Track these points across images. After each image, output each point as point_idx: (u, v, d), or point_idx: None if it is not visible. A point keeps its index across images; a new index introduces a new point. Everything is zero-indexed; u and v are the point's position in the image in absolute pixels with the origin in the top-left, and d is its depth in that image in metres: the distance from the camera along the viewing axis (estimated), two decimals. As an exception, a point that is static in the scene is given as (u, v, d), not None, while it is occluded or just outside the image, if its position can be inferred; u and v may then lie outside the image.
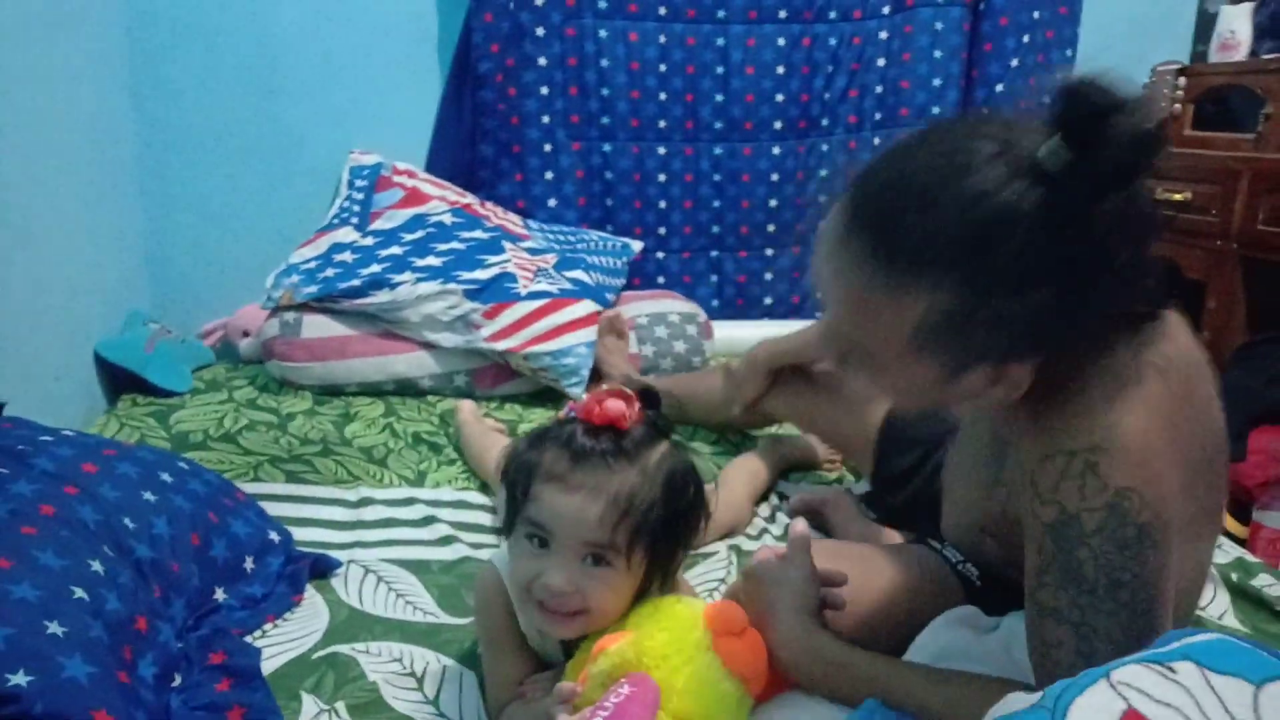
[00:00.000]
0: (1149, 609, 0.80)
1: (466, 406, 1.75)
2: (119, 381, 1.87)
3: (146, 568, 1.04)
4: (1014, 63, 2.26)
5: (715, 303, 2.39)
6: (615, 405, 0.90)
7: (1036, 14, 2.25)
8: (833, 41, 2.29)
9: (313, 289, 1.93)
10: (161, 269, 2.22)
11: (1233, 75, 2.15)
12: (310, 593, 1.22)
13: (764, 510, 1.52)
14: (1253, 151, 2.03)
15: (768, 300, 2.43)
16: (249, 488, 1.44)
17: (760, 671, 0.89)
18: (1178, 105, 2.19)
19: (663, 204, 2.34)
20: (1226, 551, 1.34)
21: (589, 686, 0.87)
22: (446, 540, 1.37)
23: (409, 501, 1.48)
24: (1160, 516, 0.80)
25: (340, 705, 1.02)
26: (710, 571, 1.30)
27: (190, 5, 2.11)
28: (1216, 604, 1.24)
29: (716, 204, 2.36)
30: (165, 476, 1.17)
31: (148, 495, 1.12)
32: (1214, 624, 1.18)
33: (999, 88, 2.28)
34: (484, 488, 1.55)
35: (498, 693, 1.00)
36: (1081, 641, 0.80)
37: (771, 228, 2.39)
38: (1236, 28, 2.18)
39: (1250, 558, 1.34)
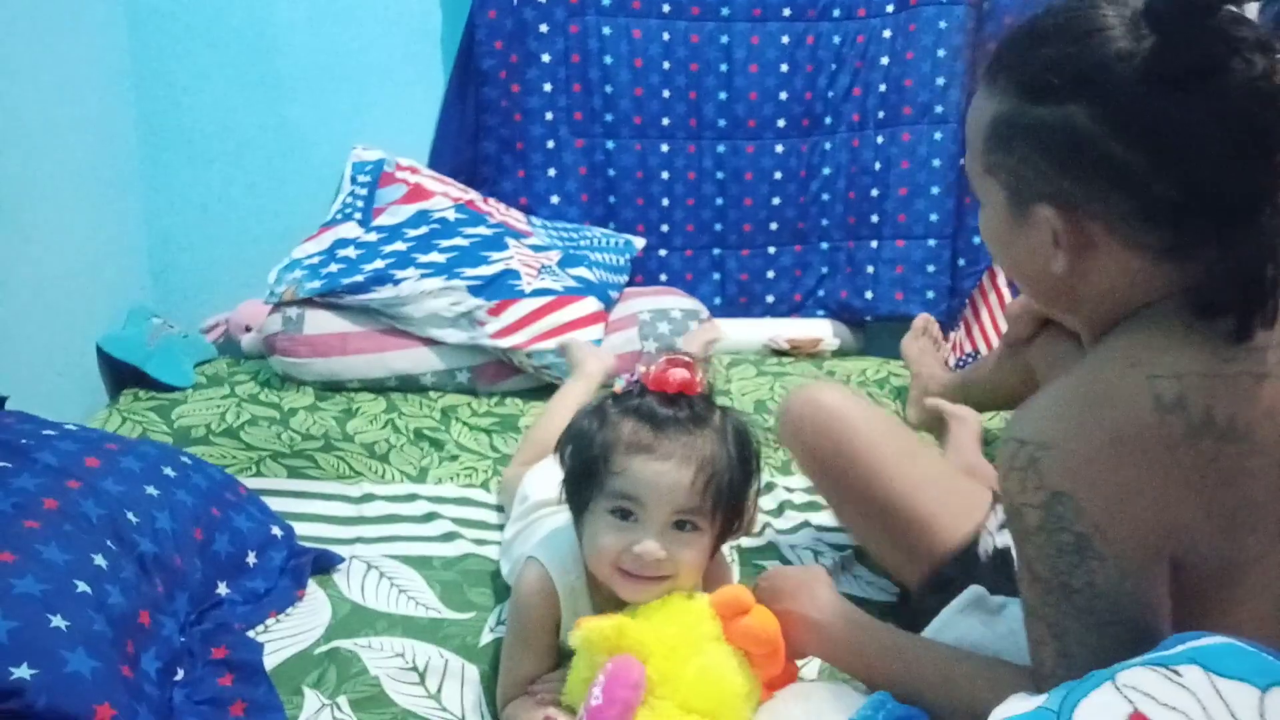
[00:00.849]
0: (1119, 622, 0.76)
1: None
2: (121, 376, 1.87)
3: (149, 562, 1.04)
4: (1018, 62, 2.26)
5: (718, 300, 2.38)
6: (683, 373, 0.92)
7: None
8: (836, 39, 2.28)
9: (316, 284, 1.93)
10: (164, 263, 2.21)
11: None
12: (312, 588, 1.22)
13: (768, 503, 1.52)
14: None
15: (770, 298, 2.43)
16: (251, 483, 1.44)
17: (777, 644, 0.90)
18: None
19: (665, 201, 2.33)
20: None
21: (575, 662, 0.88)
22: (449, 536, 1.37)
23: (411, 498, 1.48)
24: (1105, 533, 0.75)
25: (342, 700, 1.02)
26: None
27: (192, 1, 2.10)
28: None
29: (719, 201, 2.36)
30: (168, 471, 1.17)
31: (150, 490, 1.12)
32: None
33: (1003, 87, 2.27)
34: (486, 485, 1.55)
35: (511, 688, 1.00)
36: (1057, 642, 0.79)
37: (774, 225, 2.39)
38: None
39: None
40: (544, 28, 2.17)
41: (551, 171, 2.27)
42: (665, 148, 2.31)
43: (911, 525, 1.12)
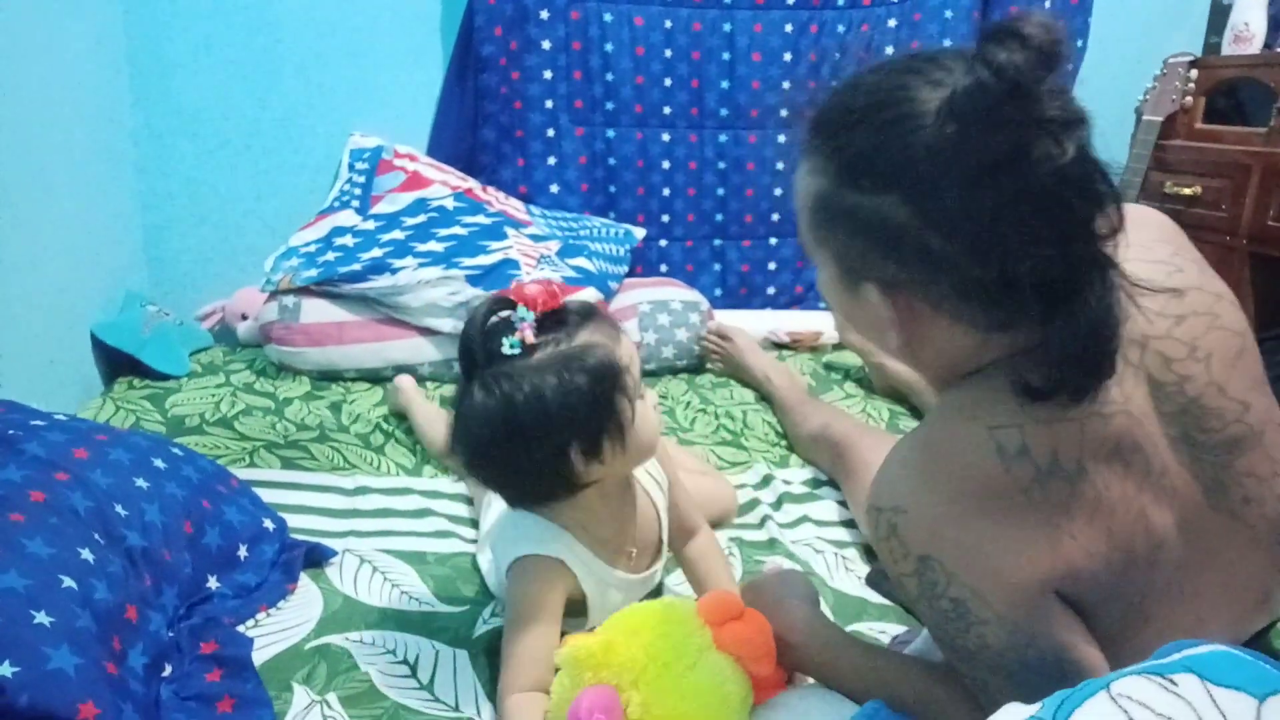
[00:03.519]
0: (1029, 669, 0.74)
1: (405, 382, 1.73)
2: (115, 364, 1.85)
3: (138, 556, 1.03)
4: (1024, 52, 2.23)
5: (718, 291, 2.37)
6: (539, 289, 0.94)
7: (1047, 3, 2.22)
8: (841, 28, 2.26)
9: (312, 273, 1.91)
10: (159, 250, 2.20)
11: (1245, 68, 2.12)
12: (304, 581, 1.21)
13: (767, 496, 1.50)
14: (1264, 146, 2.00)
15: (771, 289, 2.41)
16: (244, 473, 1.43)
17: (769, 649, 0.89)
18: (1189, 98, 2.16)
19: (666, 191, 2.32)
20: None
21: (560, 679, 0.87)
22: (443, 534, 1.36)
23: (405, 491, 1.47)
24: (980, 594, 0.74)
25: (332, 697, 1.01)
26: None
27: (189, -16, 2.09)
28: None
29: (720, 192, 2.34)
30: (158, 463, 1.16)
31: (140, 482, 1.11)
32: None
33: (1008, 78, 2.25)
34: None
35: (520, 672, 0.96)
36: (983, 695, 0.78)
37: (775, 216, 2.37)
38: (1250, 20, 2.15)
39: None
40: (545, 14, 2.15)
41: (551, 160, 2.25)
42: (666, 137, 2.29)
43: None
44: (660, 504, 1.13)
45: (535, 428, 0.91)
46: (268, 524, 1.25)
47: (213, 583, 1.13)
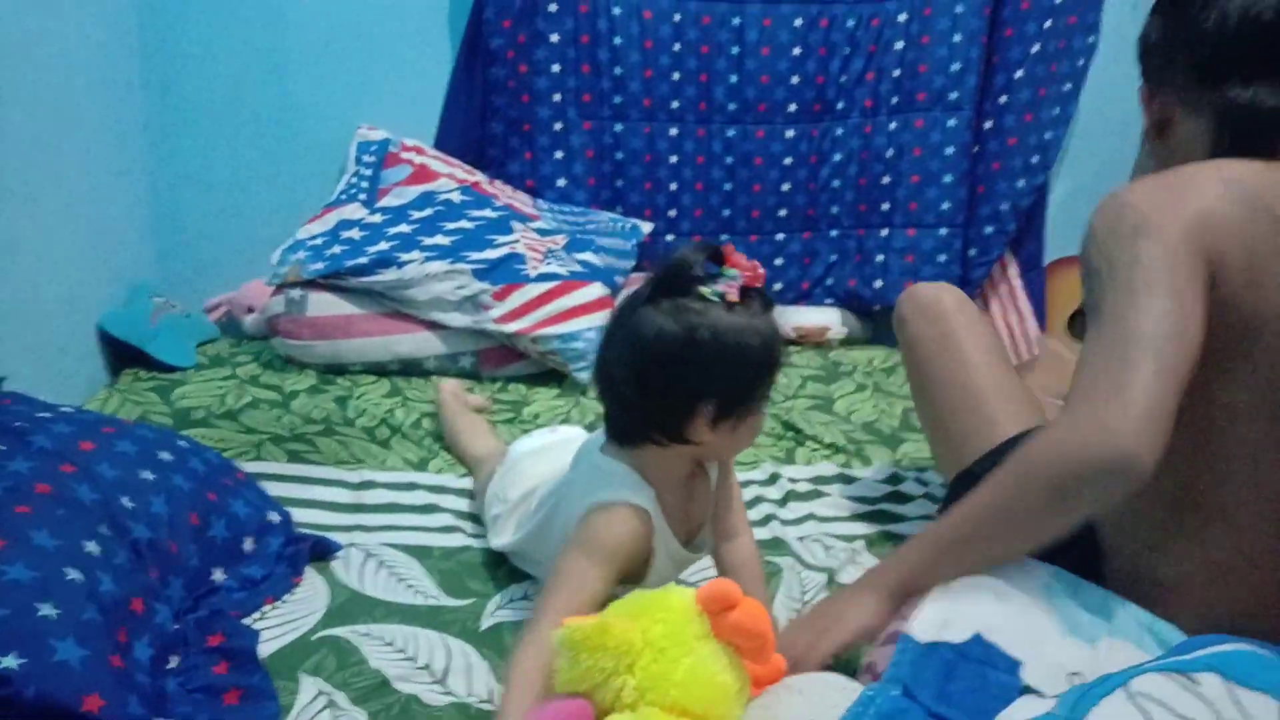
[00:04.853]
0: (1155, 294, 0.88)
1: (448, 386, 1.74)
2: (122, 355, 1.85)
3: (144, 548, 1.03)
4: (1035, 48, 2.22)
5: (725, 287, 2.35)
6: (751, 265, 0.97)
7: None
8: (850, 23, 2.24)
9: (319, 266, 1.91)
10: (167, 242, 2.19)
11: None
12: (309, 574, 1.21)
13: (773, 494, 1.50)
14: None
15: (778, 285, 2.40)
16: (250, 466, 1.43)
17: (767, 637, 0.88)
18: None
19: (673, 186, 2.30)
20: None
21: (559, 664, 0.86)
22: (449, 529, 1.35)
23: (411, 486, 1.46)
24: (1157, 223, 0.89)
25: (340, 689, 1.00)
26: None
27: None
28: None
29: (728, 187, 2.33)
30: (164, 455, 1.16)
31: (146, 474, 1.10)
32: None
33: (1019, 74, 2.23)
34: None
35: (580, 595, 0.97)
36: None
37: (783, 212, 2.36)
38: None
39: None
40: (553, 7, 2.13)
41: (559, 154, 2.24)
42: (674, 131, 2.27)
43: (973, 417, 1.20)
44: (712, 491, 1.13)
45: (693, 367, 0.94)
46: (273, 517, 1.25)
47: (219, 575, 1.13)
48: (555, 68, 2.17)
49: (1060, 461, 0.82)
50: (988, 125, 2.27)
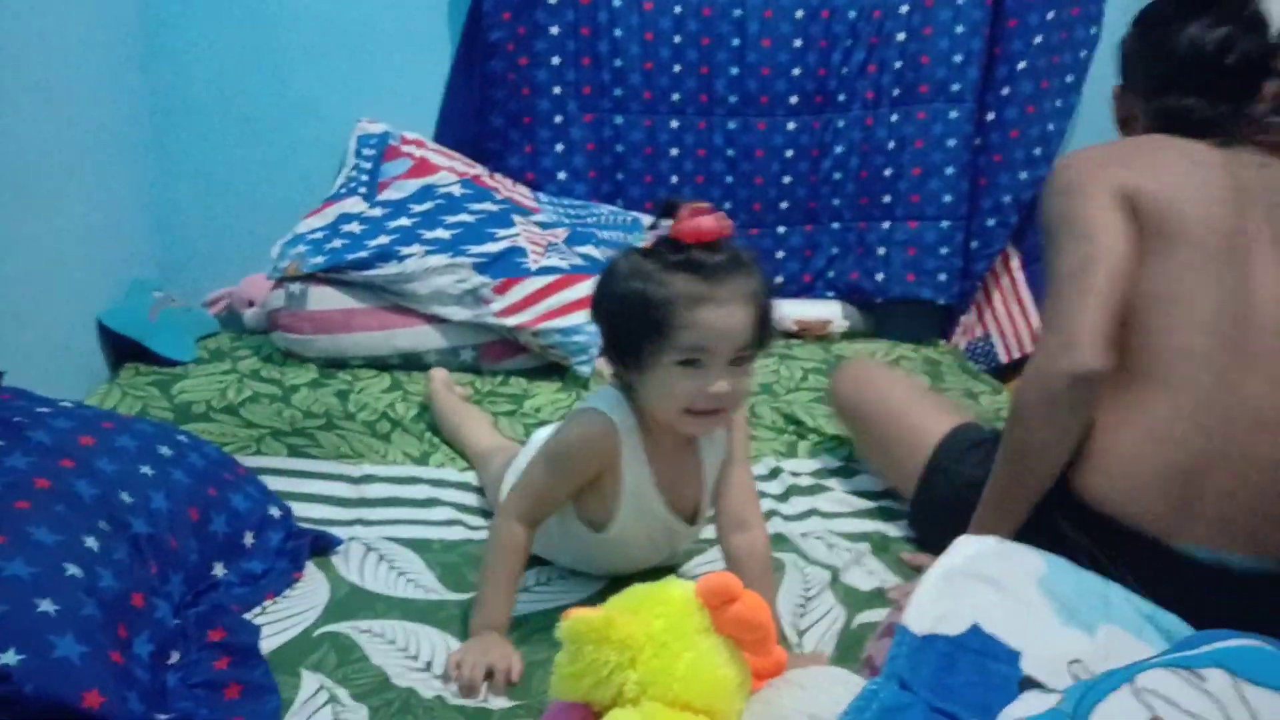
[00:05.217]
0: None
1: (439, 376, 1.75)
2: (122, 350, 1.85)
3: (144, 543, 1.02)
4: (1037, 40, 2.20)
5: (726, 280, 2.35)
6: (715, 220, 0.98)
7: (1059, -13, 2.19)
8: (852, 15, 2.23)
9: (319, 260, 1.90)
10: (167, 236, 2.19)
11: (1263, 56, 2.09)
12: (310, 569, 1.21)
13: (774, 488, 1.49)
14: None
15: (779, 278, 2.39)
16: (250, 461, 1.42)
17: (768, 629, 0.88)
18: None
19: (674, 179, 2.30)
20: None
21: (559, 657, 0.86)
22: (450, 523, 1.35)
23: (412, 480, 1.46)
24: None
25: (341, 685, 1.00)
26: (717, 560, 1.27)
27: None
28: None
29: (729, 180, 2.32)
30: (164, 450, 1.15)
31: (146, 469, 1.10)
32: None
33: (1021, 65, 2.22)
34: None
35: (539, 498, 1.09)
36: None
37: (784, 205, 2.35)
38: (1274, 11, 2.12)
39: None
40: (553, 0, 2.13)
41: (559, 147, 2.23)
42: (675, 124, 2.27)
43: (907, 434, 1.37)
44: (709, 470, 1.13)
45: (595, 304, 1.05)
46: (274, 511, 1.25)
47: (219, 570, 1.13)
48: (555, 60, 2.16)
49: (1040, 385, 1.07)
50: (990, 117, 2.26)
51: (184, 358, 1.85)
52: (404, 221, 1.97)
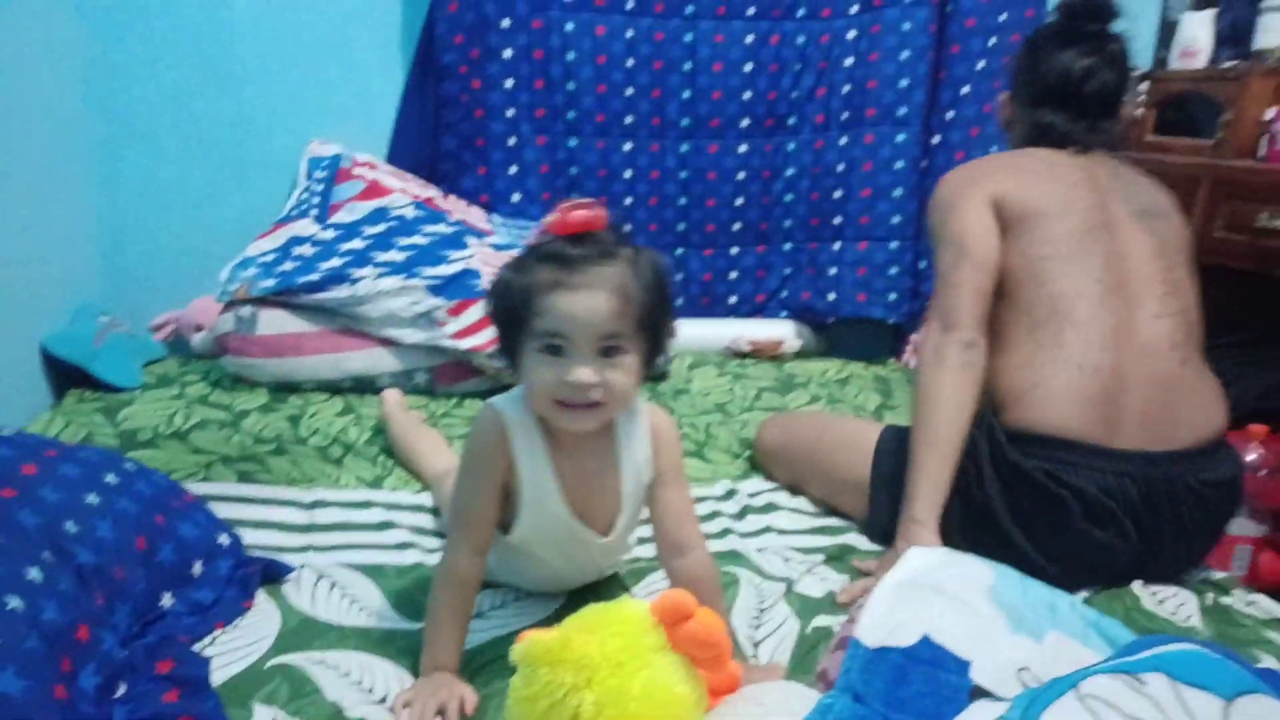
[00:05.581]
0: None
1: (392, 397, 1.75)
2: (66, 376, 1.81)
3: (89, 573, 1.00)
4: (980, 64, 2.27)
5: (680, 301, 2.37)
6: (584, 213, 0.98)
7: (1003, 16, 2.25)
8: (801, 40, 2.28)
9: (270, 283, 1.88)
10: (113, 260, 2.15)
11: (1192, 82, 2.17)
12: (261, 598, 1.18)
13: (730, 508, 1.50)
14: (1211, 158, 2.05)
15: (733, 299, 2.42)
16: (199, 487, 1.40)
17: (723, 646, 0.88)
18: (1140, 110, 2.21)
19: (628, 200, 2.32)
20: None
21: (515, 681, 0.86)
22: (404, 546, 1.33)
23: (366, 505, 1.44)
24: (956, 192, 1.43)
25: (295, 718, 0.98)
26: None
27: (145, -10, 2.05)
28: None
29: (682, 201, 2.34)
30: (110, 478, 1.13)
31: (91, 498, 1.07)
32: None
33: (964, 89, 2.28)
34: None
35: (461, 516, 1.07)
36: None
37: (737, 226, 2.38)
38: (1198, 35, 2.20)
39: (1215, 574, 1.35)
40: (506, 23, 2.14)
41: (513, 169, 2.24)
42: (628, 146, 2.29)
43: (839, 452, 1.50)
44: (626, 487, 1.11)
45: (490, 292, 1.04)
46: (223, 539, 1.22)
47: (167, 600, 1.10)
48: (508, 83, 2.17)
49: (936, 355, 1.31)
50: (935, 140, 2.31)
51: (130, 384, 1.81)
52: (356, 244, 1.96)
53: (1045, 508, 1.25)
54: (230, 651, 1.07)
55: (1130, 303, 1.31)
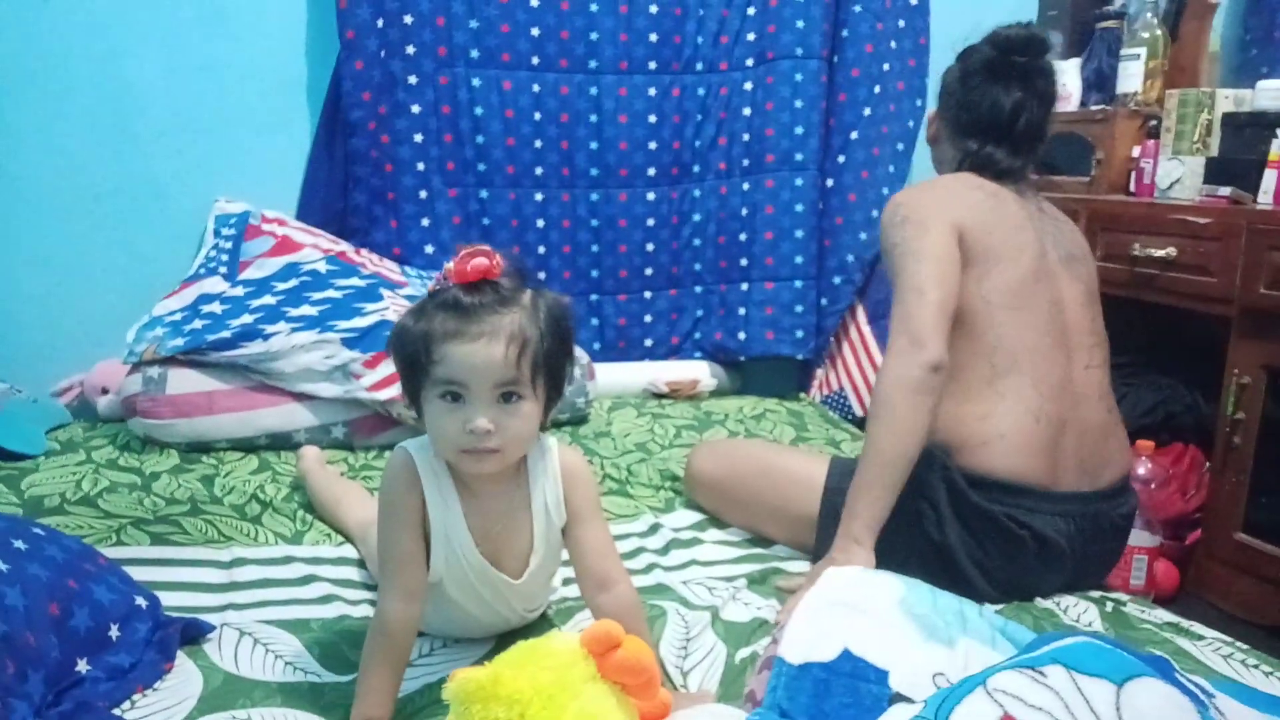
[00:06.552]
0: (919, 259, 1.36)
1: (310, 454, 1.74)
2: (-38, 447, 1.74)
3: (-2, 643, 0.97)
4: (866, 111, 2.39)
5: (596, 345, 2.41)
6: (481, 261, 1.00)
7: (887, 66, 2.38)
8: (701, 91, 2.37)
9: (179, 342, 1.85)
10: (8, 324, 2.08)
11: (1065, 124, 2.33)
12: (181, 659, 1.16)
13: (655, 543, 1.53)
14: (1088, 193, 2.20)
15: (648, 342, 2.47)
16: (111, 552, 1.36)
17: (652, 673, 0.90)
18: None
19: (541, 249, 2.35)
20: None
21: (452, 718, 0.86)
22: (327, 599, 1.32)
23: (286, 560, 1.43)
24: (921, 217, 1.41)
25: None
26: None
27: (34, 54, 2.02)
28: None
29: (595, 249, 2.39)
30: (18, 544, 1.10)
31: (-1, 565, 1.04)
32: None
33: (853, 135, 2.40)
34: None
35: (390, 562, 1.07)
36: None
37: (649, 271, 2.44)
38: (1067, 80, 2.37)
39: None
40: (413, 79, 2.17)
41: (425, 221, 2.25)
42: (539, 196, 2.33)
43: (788, 486, 1.51)
44: (539, 528, 1.12)
45: (391, 338, 1.06)
46: (140, 602, 1.19)
47: (83, 666, 1.07)
48: (418, 137, 2.20)
49: (897, 376, 1.29)
50: (829, 183, 2.42)
51: (33, 451, 1.75)
52: (268, 299, 1.94)
53: (1004, 547, 1.32)
54: (152, 715, 1.05)
55: (1069, 355, 1.38)
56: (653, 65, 2.32)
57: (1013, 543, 1.32)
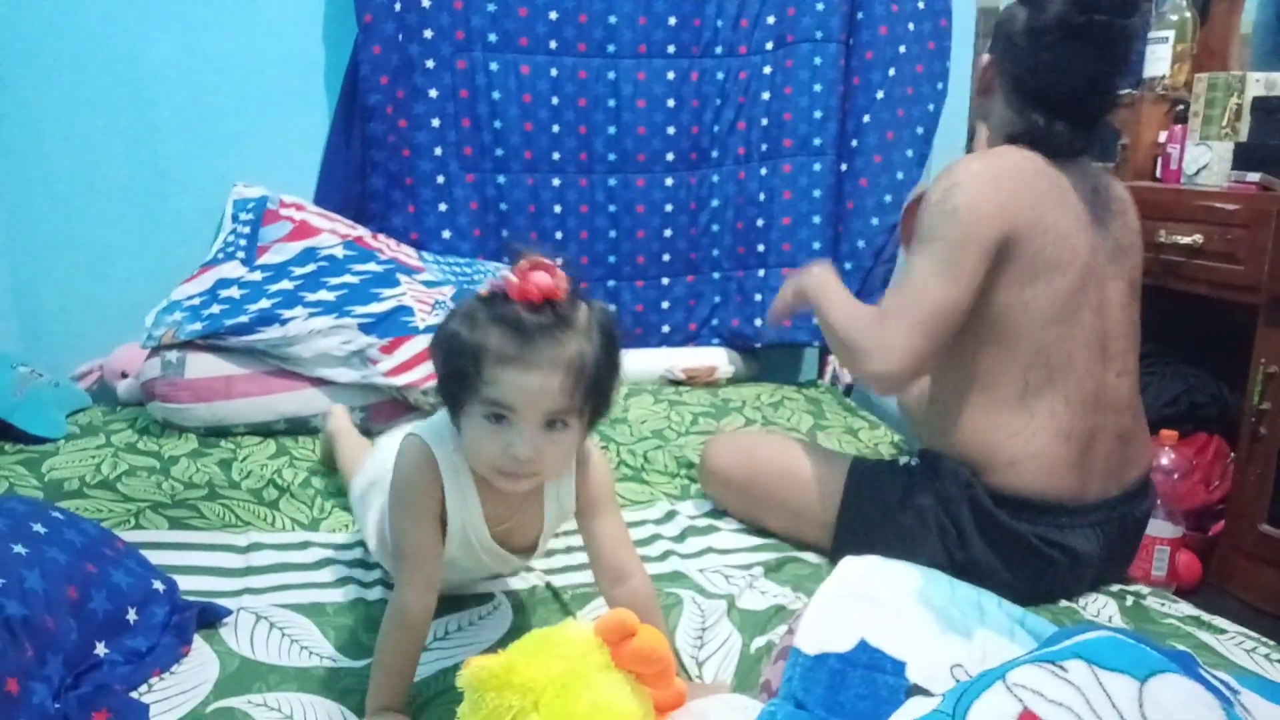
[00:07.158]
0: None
1: (340, 411, 1.74)
2: (-16, 430, 1.75)
3: (17, 626, 0.97)
4: (879, 95, 2.36)
5: (614, 332, 2.39)
6: (546, 279, 0.95)
7: (903, 48, 2.34)
8: (720, 76, 2.34)
9: (197, 326, 1.86)
10: (31, 309, 2.10)
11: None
12: (198, 643, 1.16)
13: (670, 530, 1.52)
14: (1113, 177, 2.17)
15: (665, 328, 2.46)
16: (129, 536, 1.37)
17: (667, 661, 0.90)
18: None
19: (558, 235, 2.34)
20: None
21: (462, 709, 0.86)
22: (343, 581, 1.32)
23: (303, 545, 1.43)
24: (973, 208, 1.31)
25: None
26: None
27: (54, 42, 2.02)
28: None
29: (612, 234, 2.38)
30: (38, 528, 1.10)
31: (18, 548, 1.05)
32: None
33: (866, 119, 2.37)
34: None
35: (408, 556, 1.05)
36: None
37: (666, 257, 2.42)
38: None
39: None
40: (430, 63, 2.16)
41: (442, 206, 2.25)
42: (556, 182, 2.32)
43: (809, 485, 1.46)
44: (549, 513, 1.13)
45: (439, 339, 1.00)
46: (157, 586, 1.20)
47: (101, 649, 1.08)
48: (435, 122, 2.19)
49: (855, 359, 1.31)
50: (843, 168, 2.39)
51: (54, 434, 1.77)
52: (286, 285, 1.95)
53: (1034, 565, 1.29)
54: (169, 698, 1.05)
55: (1105, 364, 1.32)
56: (671, 49, 2.30)
57: (1043, 561, 1.28)
